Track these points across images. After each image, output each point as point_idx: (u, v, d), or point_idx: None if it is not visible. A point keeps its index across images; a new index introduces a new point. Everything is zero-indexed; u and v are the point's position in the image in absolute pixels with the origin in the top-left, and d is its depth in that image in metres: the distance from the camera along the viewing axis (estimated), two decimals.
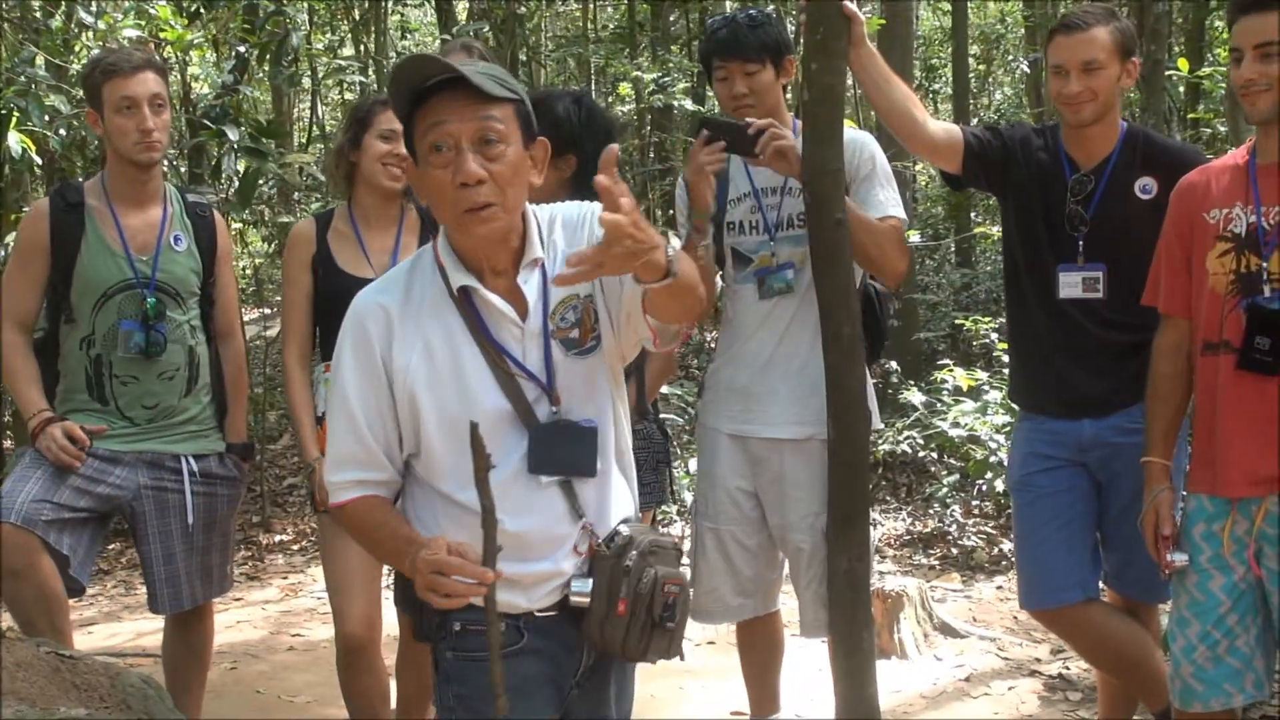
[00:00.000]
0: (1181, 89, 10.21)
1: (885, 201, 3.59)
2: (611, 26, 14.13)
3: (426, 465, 2.40)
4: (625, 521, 2.46)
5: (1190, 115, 9.91)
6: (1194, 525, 3.14)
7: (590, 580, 2.39)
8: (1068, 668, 5.06)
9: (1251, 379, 3.02)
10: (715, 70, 3.64)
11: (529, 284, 2.37)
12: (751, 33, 3.58)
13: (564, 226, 2.44)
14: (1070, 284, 3.52)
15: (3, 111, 5.90)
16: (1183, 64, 8.09)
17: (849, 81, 3.74)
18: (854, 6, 3.45)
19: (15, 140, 5.88)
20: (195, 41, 7.23)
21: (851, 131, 3.66)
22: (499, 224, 2.29)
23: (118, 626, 6.32)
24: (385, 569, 3.93)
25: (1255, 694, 3.12)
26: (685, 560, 3.92)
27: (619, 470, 2.49)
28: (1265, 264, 3.04)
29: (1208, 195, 3.16)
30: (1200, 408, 3.19)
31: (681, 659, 2.55)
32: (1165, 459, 3.24)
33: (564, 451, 2.36)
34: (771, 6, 8.09)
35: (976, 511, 7.26)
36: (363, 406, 2.37)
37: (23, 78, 6.22)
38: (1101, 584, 3.67)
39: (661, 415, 4.20)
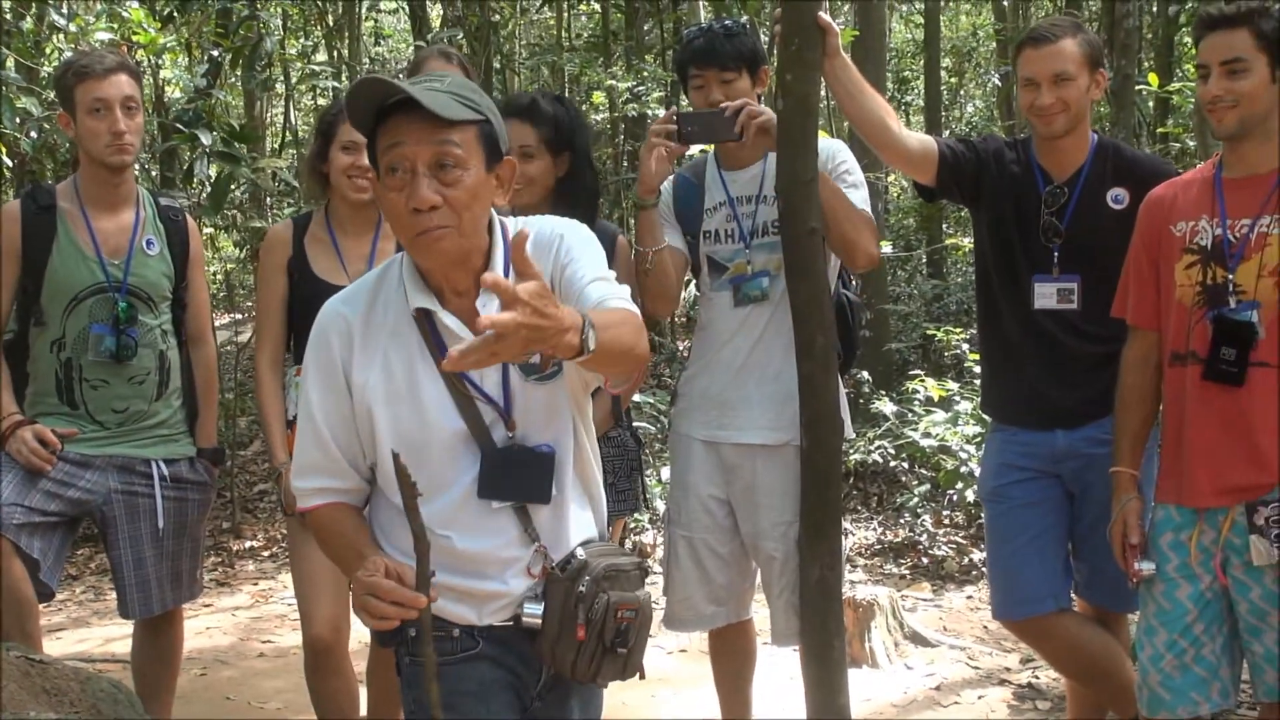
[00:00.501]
0: (1151, 104, 10.31)
1: (857, 201, 3.61)
2: (586, 35, 14.15)
3: (383, 479, 2.40)
4: (584, 544, 2.44)
5: (1160, 130, 10.00)
6: (1161, 535, 3.17)
7: (542, 604, 2.37)
8: (1037, 677, 5.09)
9: (1218, 390, 3.05)
10: (691, 79, 3.66)
11: (489, 307, 2.28)
12: (728, 42, 3.61)
13: (534, 245, 2.36)
14: (1045, 295, 3.54)
15: None
16: (1153, 79, 8.17)
17: (822, 92, 3.76)
18: (828, 17, 3.47)
19: None
20: (168, 45, 7.20)
21: (825, 140, 3.69)
22: (451, 247, 2.26)
23: (86, 632, 6.27)
24: None
25: (1222, 702, 3.14)
26: (658, 569, 3.95)
27: (581, 494, 2.47)
28: (1231, 276, 3.07)
29: (1175, 208, 3.20)
30: (1168, 418, 3.22)
31: (641, 677, 2.54)
32: (1133, 469, 3.27)
33: (517, 478, 2.35)
34: (745, 18, 8.11)
35: (947, 521, 7.29)
36: (325, 416, 2.38)
37: None
38: (1071, 593, 3.69)
39: (634, 423, 4.20)
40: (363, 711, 3.97)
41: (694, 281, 3.83)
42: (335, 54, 11.76)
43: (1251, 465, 3.02)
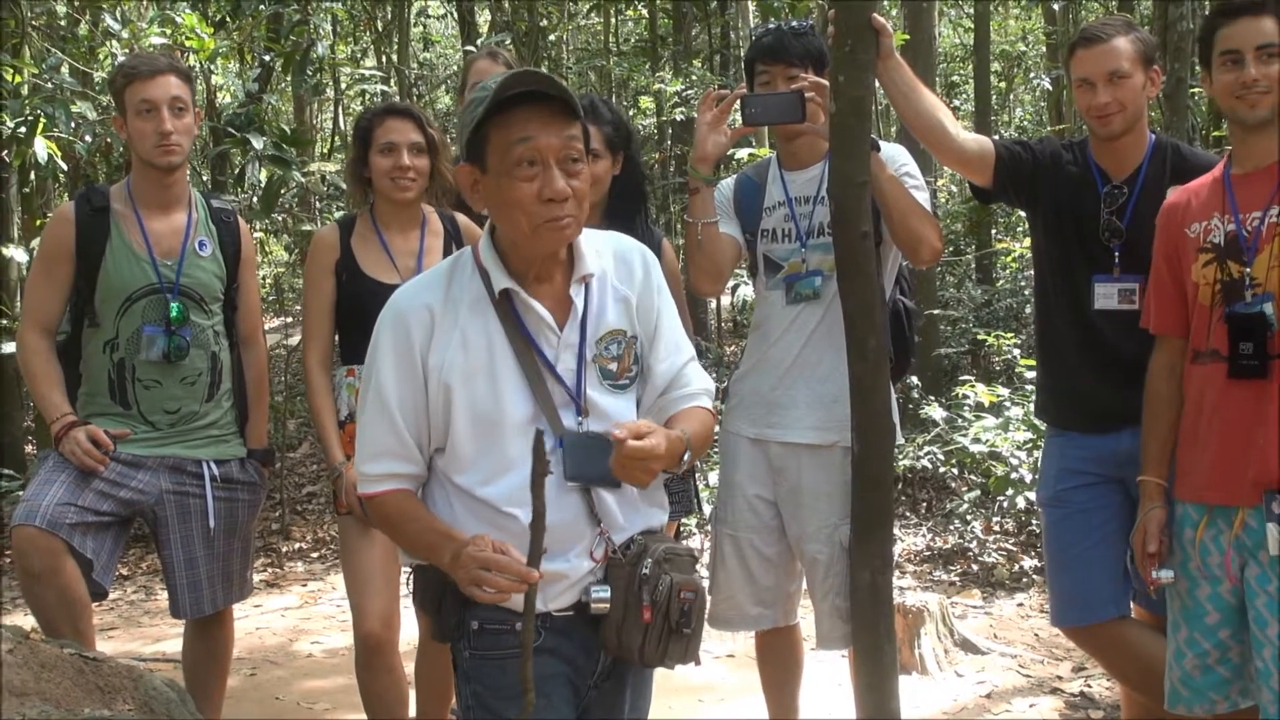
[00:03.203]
0: (1205, 107, 10.19)
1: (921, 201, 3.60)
2: (633, 40, 14.17)
3: (450, 459, 2.45)
4: (643, 532, 2.51)
5: (1215, 134, 9.88)
6: (1183, 531, 3.17)
7: (608, 588, 2.43)
8: (1089, 686, 5.03)
9: (1234, 386, 3.03)
10: (758, 75, 3.69)
11: (579, 296, 2.47)
12: (797, 40, 3.64)
13: (615, 257, 2.55)
14: (1106, 295, 3.50)
15: (30, 117, 5.93)
16: None
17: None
18: (882, 19, 3.45)
19: (42, 146, 5.91)
20: (220, 50, 7.26)
21: (886, 144, 3.68)
22: (573, 235, 2.41)
23: (138, 631, 6.33)
24: (404, 571, 3.93)
25: (1240, 702, 3.14)
26: (702, 569, 3.94)
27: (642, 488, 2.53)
28: (1248, 270, 3.05)
29: (1188, 211, 3.19)
30: (1186, 416, 3.20)
31: (697, 664, 2.59)
32: (1160, 478, 3.24)
33: (593, 462, 2.40)
34: (795, 22, 8.08)
35: (997, 528, 7.23)
36: (399, 401, 2.43)
37: (50, 84, 6.26)
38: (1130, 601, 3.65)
39: None
40: (411, 712, 3.97)
41: (751, 283, 3.84)
42: (384, 59, 11.83)
43: (1272, 459, 2.98)
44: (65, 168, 6.87)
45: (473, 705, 2.48)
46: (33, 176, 7.10)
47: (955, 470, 7.72)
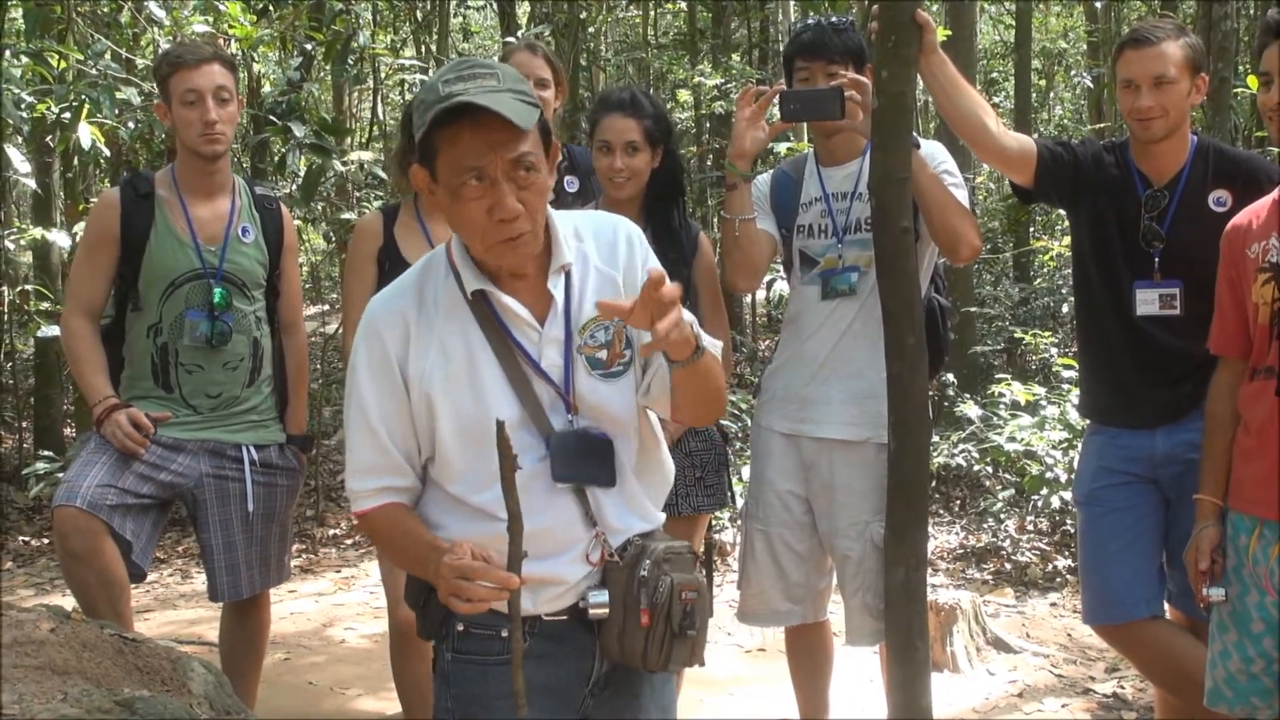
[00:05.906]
0: (1248, 108, 10.11)
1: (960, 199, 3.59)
2: (672, 33, 14.16)
3: (440, 468, 2.35)
4: (641, 535, 2.40)
5: (1258, 135, 9.80)
6: (1237, 536, 3.15)
7: (605, 591, 2.33)
8: (1122, 687, 5.01)
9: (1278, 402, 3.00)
10: (797, 71, 3.67)
11: (557, 289, 2.34)
12: (836, 36, 3.63)
13: (596, 239, 2.40)
14: (1147, 301, 3.49)
15: (75, 103, 5.98)
16: (1252, 82, 8.00)
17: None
18: (926, 14, 3.44)
19: (86, 132, 5.96)
20: (263, 38, 7.29)
21: (925, 141, 3.67)
22: (532, 249, 2.28)
23: (174, 614, 6.38)
24: None
25: None
26: (732, 563, 3.94)
27: (642, 486, 2.44)
28: None
29: (1249, 232, 3.16)
30: (1240, 430, 3.18)
31: (702, 665, 2.46)
32: (1215, 497, 3.21)
33: (583, 460, 2.32)
34: (834, 18, 8.05)
35: (1031, 527, 7.20)
36: (382, 415, 2.32)
37: (95, 70, 6.31)
38: (1164, 602, 3.63)
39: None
40: None
41: (786, 278, 3.84)
42: (423, 49, 11.85)
43: None
44: (108, 153, 6.92)
45: (451, 708, 2.38)
46: (75, 162, 7.15)
47: (990, 469, 7.68)
